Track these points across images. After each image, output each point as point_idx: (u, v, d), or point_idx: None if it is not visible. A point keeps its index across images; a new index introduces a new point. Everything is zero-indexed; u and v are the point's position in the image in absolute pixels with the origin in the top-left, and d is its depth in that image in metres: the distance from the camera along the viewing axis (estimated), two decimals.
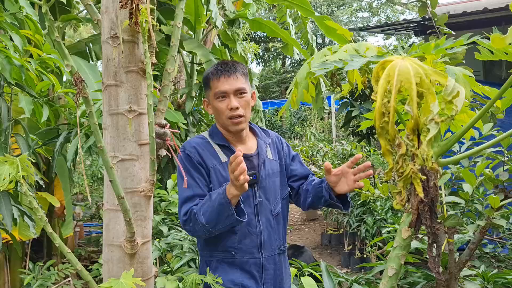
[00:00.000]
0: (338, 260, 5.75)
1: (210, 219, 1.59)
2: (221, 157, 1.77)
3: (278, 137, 1.99)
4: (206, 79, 1.82)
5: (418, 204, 0.80)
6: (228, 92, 1.74)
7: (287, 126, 17.85)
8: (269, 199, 1.79)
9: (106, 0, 1.45)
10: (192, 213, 1.64)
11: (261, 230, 1.76)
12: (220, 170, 1.75)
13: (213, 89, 1.77)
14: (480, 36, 0.94)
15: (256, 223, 1.75)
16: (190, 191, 1.70)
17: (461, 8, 5.51)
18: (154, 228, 3.08)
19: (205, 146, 1.79)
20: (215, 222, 1.60)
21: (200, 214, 1.61)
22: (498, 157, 1.71)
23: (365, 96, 4.61)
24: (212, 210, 1.59)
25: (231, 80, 1.75)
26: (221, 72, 1.76)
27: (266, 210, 1.78)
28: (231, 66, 1.79)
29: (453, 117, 0.67)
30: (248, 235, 1.74)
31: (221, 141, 1.80)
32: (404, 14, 24.18)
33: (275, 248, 1.80)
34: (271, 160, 1.86)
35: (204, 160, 1.75)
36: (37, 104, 2.67)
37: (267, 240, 1.77)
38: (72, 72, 1.26)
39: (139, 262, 1.47)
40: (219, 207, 1.57)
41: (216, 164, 1.75)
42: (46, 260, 4.33)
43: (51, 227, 1.37)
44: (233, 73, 1.76)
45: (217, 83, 1.75)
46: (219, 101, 1.76)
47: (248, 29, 8.42)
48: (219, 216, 1.58)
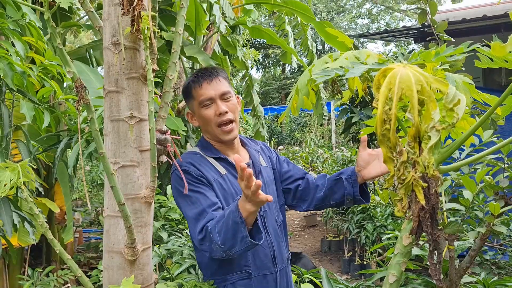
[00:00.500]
0: (338, 266, 5.73)
1: (225, 239, 1.40)
2: (219, 170, 1.65)
3: (265, 144, 1.91)
4: (187, 89, 1.71)
5: (419, 211, 0.80)
6: (213, 98, 1.64)
7: (287, 132, 17.86)
8: (272, 209, 1.71)
9: (108, 7, 1.46)
10: (207, 231, 1.46)
11: (272, 241, 1.66)
12: (222, 184, 1.63)
13: (197, 98, 1.66)
14: (480, 43, 0.95)
15: (266, 235, 1.65)
16: (199, 205, 1.54)
17: (461, 15, 5.53)
18: (154, 234, 3.08)
19: (201, 160, 1.66)
20: (231, 244, 1.40)
21: (215, 233, 1.43)
22: (498, 164, 1.71)
23: (365, 102, 4.62)
24: (227, 230, 1.40)
25: (214, 84, 1.65)
26: (202, 77, 1.66)
27: (272, 220, 1.70)
28: (211, 70, 1.70)
29: (454, 125, 0.67)
30: (261, 249, 1.62)
31: (215, 153, 1.69)
32: (404, 21, 24.29)
33: (285, 259, 1.73)
34: (265, 167, 1.78)
35: (204, 174, 1.61)
36: (38, 110, 2.67)
37: (278, 251, 1.68)
38: (74, 79, 1.27)
39: (139, 269, 1.47)
40: (234, 226, 1.38)
41: (217, 177, 1.63)
42: (45, 266, 4.32)
43: (51, 233, 1.37)
44: (215, 77, 1.67)
45: (200, 90, 1.65)
46: (205, 108, 1.65)
47: (248, 35, 8.46)
48: (234, 237, 1.38)
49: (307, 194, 1.78)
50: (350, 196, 1.67)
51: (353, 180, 1.67)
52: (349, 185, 1.66)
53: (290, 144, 16.49)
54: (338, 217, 5.99)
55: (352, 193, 1.66)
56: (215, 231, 1.42)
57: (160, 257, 2.65)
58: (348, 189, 1.66)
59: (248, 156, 1.75)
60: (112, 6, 1.45)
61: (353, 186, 1.66)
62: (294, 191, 1.81)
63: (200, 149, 1.71)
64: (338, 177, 1.70)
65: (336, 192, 1.69)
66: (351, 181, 1.66)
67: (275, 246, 1.67)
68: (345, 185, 1.66)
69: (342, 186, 1.68)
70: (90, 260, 5.21)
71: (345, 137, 5.28)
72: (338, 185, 1.69)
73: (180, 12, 1.56)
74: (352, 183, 1.66)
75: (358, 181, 1.66)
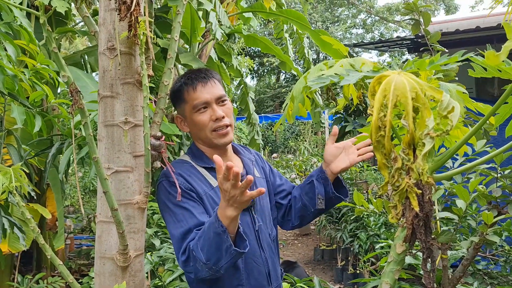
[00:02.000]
0: (331, 275, 5.71)
1: (210, 255, 1.30)
2: (210, 181, 1.53)
3: (258, 154, 1.81)
4: (177, 92, 1.57)
5: (413, 218, 0.80)
6: (209, 102, 1.52)
7: (281, 141, 17.89)
8: (265, 222, 1.61)
9: (104, 12, 1.46)
10: (190, 251, 1.36)
11: (266, 258, 1.56)
12: (213, 196, 1.50)
13: (190, 102, 1.53)
14: (474, 53, 0.96)
15: (261, 251, 1.54)
16: (184, 224, 1.42)
17: (454, 26, 5.60)
18: (147, 241, 3.06)
19: (190, 171, 1.53)
20: (216, 258, 1.29)
21: (198, 251, 1.32)
22: (491, 173, 1.72)
23: (359, 111, 4.64)
24: (210, 244, 1.29)
25: (209, 87, 1.53)
26: (196, 80, 1.53)
27: (266, 235, 1.59)
28: (205, 72, 1.57)
29: (448, 132, 0.68)
30: (255, 267, 1.51)
31: (207, 163, 1.56)
32: (398, 32, 24.54)
33: (279, 276, 1.63)
34: (259, 178, 1.67)
35: (193, 186, 1.48)
36: (29, 114, 2.66)
37: (272, 268, 1.58)
38: (69, 83, 1.27)
39: (131, 275, 1.46)
40: (216, 238, 1.27)
41: (208, 190, 1.50)
42: (35, 273, 4.27)
43: (43, 239, 1.35)
44: (210, 79, 1.55)
45: (193, 94, 1.52)
46: (200, 113, 1.52)
47: (243, 43, 8.49)
48: (218, 249, 1.28)
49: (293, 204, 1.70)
50: (321, 195, 1.58)
51: (323, 178, 1.59)
52: (320, 185, 1.58)
53: (284, 153, 16.50)
54: (332, 226, 5.98)
55: (323, 192, 1.58)
56: (198, 248, 1.32)
57: (152, 264, 2.63)
58: (319, 188, 1.58)
59: (242, 165, 1.65)
60: (108, 11, 1.46)
61: (324, 185, 1.58)
62: (286, 206, 1.72)
63: (190, 158, 1.59)
64: (309, 181, 1.62)
65: (311, 197, 1.60)
66: (322, 180, 1.59)
67: (270, 263, 1.57)
68: (316, 185, 1.59)
69: (314, 187, 1.60)
70: (81, 267, 5.16)
71: None
72: (311, 188, 1.61)
73: (176, 18, 1.57)
74: (323, 182, 1.59)
75: (329, 178, 1.59)
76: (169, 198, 1.48)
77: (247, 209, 1.53)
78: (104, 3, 1.47)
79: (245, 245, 1.31)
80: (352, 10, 26.45)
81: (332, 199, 1.61)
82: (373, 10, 25.46)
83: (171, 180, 1.49)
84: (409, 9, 1.84)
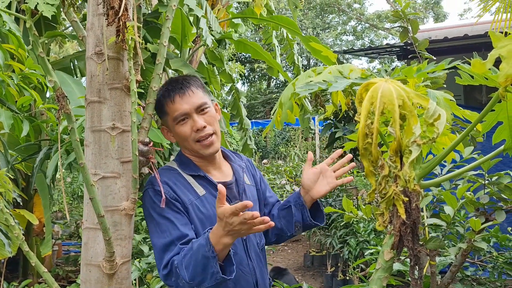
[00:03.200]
0: (320, 282, 5.71)
1: (194, 275, 1.30)
2: (197, 190, 1.50)
3: (249, 160, 1.79)
4: (159, 104, 1.54)
5: (400, 225, 0.80)
6: (189, 113, 1.50)
7: (271, 147, 17.90)
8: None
9: (92, 17, 1.45)
10: (173, 266, 1.35)
11: (254, 268, 1.53)
12: (199, 206, 1.48)
13: (171, 114, 1.51)
14: (461, 61, 0.97)
15: (248, 260, 1.52)
16: (167, 235, 1.40)
17: (443, 34, 5.66)
18: (135, 248, 3.03)
19: (177, 179, 1.51)
20: (200, 279, 1.29)
21: (182, 268, 1.32)
22: (479, 180, 1.73)
23: (348, 117, 4.66)
24: (196, 264, 1.29)
25: (187, 97, 1.50)
26: (173, 91, 1.51)
27: (254, 244, 1.57)
28: (182, 81, 1.54)
29: (435, 140, 0.68)
30: (242, 276, 1.49)
31: (194, 171, 1.53)
32: (387, 39, 24.75)
33: (267, 286, 1.60)
34: (249, 186, 1.65)
35: (179, 196, 1.46)
36: (17, 119, 2.63)
37: (260, 278, 1.55)
38: (55, 88, 1.25)
39: (118, 283, 1.44)
40: (203, 261, 1.27)
41: (193, 199, 1.48)
42: (22, 280, 4.20)
43: (28, 246, 1.33)
44: (187, 88, 1.51)
45: (172, 106, 1.50)
46: (180, 125, 1.51)
47: (234, 49, 8.50)
48: (204, 272, 1.28)
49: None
50: (299, 223, 1.58)
51: (300, 205, 1.59)
52: (297, 211, 1.58)
53: (274, 158, 16.50)
54: (321, 232, 5.98)
55: (300, 219, 1.58)
56: (182, 266, 1.32)
57: (140, 271, 2.61)
58: (296, 216, 1.57)
59: (232, 172, 1.62)
60: (96, 16, 1.45)
61: (301, 211, 1.58)
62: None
63: (178, 165, 1.56)
64: (287, 206, 1.62)
65: (289, 221, 1.60)
66: (299, 207, 1.58)
67: (258, 272, 1.55)
68: (294, 212, 1.58)
69: (291, 214, 1.59)
70: (69, 274, 5.09)
71: (329, 152, 5.31)
72: (289, 214, 1.60)
73: (165, 23, 1.56)
74: (301, 209, 1.58)
75: (306, 205, 1.59)
76: (154, 207, 1.46)
77: None
78: (92, 8, 1.46)
79: (232, 270, 1.31)
80: (343, 17, 26.66)
81: (309, 225, 1.61)
82: (363, 17, 25.68)
83: (156, 188, 1.47)
84: (397, 17, 1.86)
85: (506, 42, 0.74)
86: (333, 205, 5.37)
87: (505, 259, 2.28)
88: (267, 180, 8.92)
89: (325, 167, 1.58)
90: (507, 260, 2.27)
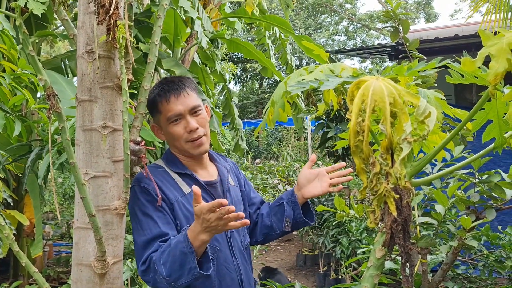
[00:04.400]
0: (313, 281, 5.72)
1: (172, 271, 1.32)
2: (183, 187, 1.52)
3: (234, 163, 1.82)
4: (152, 102, 1.56)
5: (391, 223, 0.81)
6: (182, 114, 1.52)
7: (264, 146, 17.91)
8: (238, 230, 1.61)
9: (83, 16, 1.44)
10: (151, 262, 1.37)
11: (238, 265, 1.56)
12: (184, 203, 1.50)
13: (164, 113, 1.53)
14: (451, 59, 0.97)
15: (233, 258, 1.55)
16: (148, 233, 1.42)
17: (434, 34, 5.69)
18: (127, 248, 3.01)
19: (163, 176, 1.53)
20: (178, 275, 1.31)
21: (160, 264, 1.34)
22: (469, 178, 1.75)
23: (340, 117, 4.67)
24: (174, 260, 1.31)
25: (182, 99, 1.52)
26: (169, 92, 1.53)
27: (238, 242, 1.60)
28: (178, 83, 1.56)
29: (425, 137, 0.68)
30: (227, 273, 1.52)
31: (181, 169, 1.56)
32: (379, 39, 24.86)
33: (252, 284, 1.63)
34: (234, 186, 1.69)
35: (165, 193, 1.48)
36: (9, 119, 2.61)
37: (245, 275, 1.58)
38: (46, 86, 1.24)
39: (109, 283, 1.43)
40: (181, 257, 1.30)
41: (179, 196, 1.50)
42: (12, 281, 4.17)
43: (18, 246, 1.32)
44: (183, 90, 1.54)
45: (167, 106, 1.52)
46: (173, 125, 1.53)
47: (226, 49, 8.49)
48: (182, 268, 1.31)
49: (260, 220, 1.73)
50: (289, 218, 1.63)
51: (293, 202, 1.64)
52: (289, 208, 1.63)
53: (266, 158, 16.51)
54: (314, 231, 5.99)
55: (292, 215, 1.62)
56: (160, 262, 1.34)
57: (132, 271, 2.60)
58: (288, 211, 1.62)
59: (217, 172, 1.65)
60: (87, 14, 1.44)
61: (293, 208, 1.63)
62: (253, 222, 1.74)
63: (164, 163, 1.59)
64: (279, 203, 1.66)
65: (279, 218, 1.64)
66: (291, 204, 1.63)
67: (242, 270, 1.57)
68: (286, 208, 1.63)
69: (283, 210, 1.63)
70: (60, 275, 5.05)
71: (321, 151, 5.32)
72: (281, 210, 1.65)
73: (156, 22, 1.56)
74: (293, 206, 1.63)
75: (298, 203, 1.64)
76: (138, 204, 1.47)
77: None
78: (83, 7, 1.45)
79: (209, 267, 1.34)
80: (335, 17, 26.74)
81: (299, 223, 1.65)
82: (355, 18, 25.78)
83: (142, 185, 1.48)
84: (388, 17, 1.87)
85: (495, 40, 0.75)
86: (325, 205, 5.38)
87: (495, 257, 2.31)
88: (260, 180, 8.93)
89: (323, 172, 1.63)
90: (497, 258, 2.29)
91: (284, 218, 1.63)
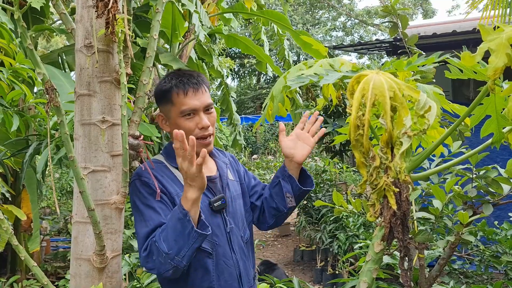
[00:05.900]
0: (310, 276, 5.74)
1: (172, 243, 1.31)
2: (182, 182, 1.49)
3: (233, 157, 1.81)
4: (165, 92, 1.52)
5: (390, 217, 0.81)
6: (198, 109, 1.50)
7: (261, 142, 17.91)
8: (238, 225, 1.61)
9: (81, 9, 1.44)
10: (152, 244, 1.36)
11: (237, 260, 1.56)
12: None
13: (179, 105, 1.49)
14: (450, 54, 0.97)
15: (232, 253, 1.54)
16: (150, 224, 1.41)
17: (432, 30, 5.69)
18: (125, 243, 3.02)
19: (163, 171, 1.53)
20: (178, 246, 1.30)
21: (160, 242, 1.33)
22: (466, 174, 1.76)
23: (338, 113, 4.68)
24: (173, 230, 1.31)
25: (200, 95, 1.51)
26: (188, 85, 1.50)
27: (238, 237, 1.59)
28: (196, 77, 1.54)
29: (425, 131, 0.68)
30: (225, 268, 1.52)
31: None
32: (377, 35, 24.86)
33: (251, 279, 1.63)
34: (233, 181, 1.68)
35: (166, 187, 1.48)
36: (7, 113, 2.60)
37: (243, 271, 1.58)
38: (44, 80, 1.24)
39: (108, 277, 1.44)
40: (177, 224, 1.30)
41: (179, 190, 1.49)
42: (10, 276, 4.17)
43: (17, 240, 1.32)
44: (201, 85, 1.52)
45: (183, 99, 1.49)
46: (186, 119, 1.50)
47: (223, 44, 8.47)
48: (182, 235, 1.30)
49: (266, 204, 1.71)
50: (290, 193, 1.61)
51: (288, 176, 1.62)
52: (287, 184, 1.61)
53: (264, 154, 16.53)
54: (311, 226, 6.01)
55: (291, 190, 1.61)
56: (160, 240, 1.33)
57: (130, 266, 2.60)
58: (286, 187, 1.61)
59: (216, 168, 1.65)
60: (85, 8, 1.43)
61: (290, 182, 1.61)
62: (260, 208, 1.73)
63: (164, 157, 1.57)
64: (276, 183, 1.65)
65: (281, 197, 1.63)
66: (287, 179, 1.62)
67: (241, 265, 1.57)
68: (283, 185, 1.62)
69: (282, 188, 1.62)
70: (57, 270, 5.05)
71: (319, 147, 5.33)
72: (279, 189, 1.63)
73: (155, 16, 1.55)
74: (289, 180, 1.61)
75: (293, 174, 1.62)
76: (139, 197, 1.46)
77: (219, 211, 1.54)
78: (81, 0, 1.44)
79: (208, 229, 1.33)
80: (332, 13, 26.70)
81: (300, 194, 1.64)
82: (352, 13, 25.75)
83: (142, 179, 1.46)
84: (386, 12, 1.87)
85: (495, 35, 0.75)
86: (323, 200, 5.40)
87: (491, 252, 2.32)
88: (257, 175, 8.93)
89: (299, 132, 1.62)
90: (493, 253, 2.31)
91: (284, 195, 1.62)
